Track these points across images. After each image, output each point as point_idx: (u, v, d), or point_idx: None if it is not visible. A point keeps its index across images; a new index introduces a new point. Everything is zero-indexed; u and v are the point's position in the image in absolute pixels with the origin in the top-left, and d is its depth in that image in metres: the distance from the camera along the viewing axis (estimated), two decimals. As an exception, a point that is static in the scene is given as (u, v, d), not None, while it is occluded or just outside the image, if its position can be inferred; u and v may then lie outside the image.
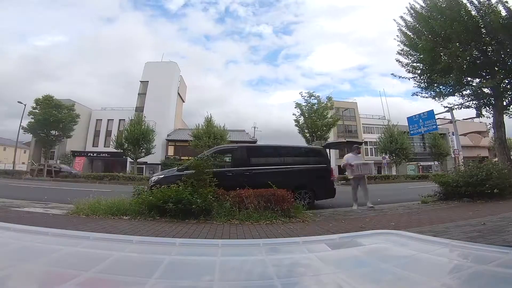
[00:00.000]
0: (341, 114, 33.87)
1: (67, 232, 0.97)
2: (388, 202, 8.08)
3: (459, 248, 0.88)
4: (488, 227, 4.36)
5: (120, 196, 6.38)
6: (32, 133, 30.15)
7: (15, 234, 0.90)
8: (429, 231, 4.21)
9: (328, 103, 26.27)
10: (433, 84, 11.57)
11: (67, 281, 0.56)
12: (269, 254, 0.86)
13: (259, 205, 5.65)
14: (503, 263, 0.69)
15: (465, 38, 9.76)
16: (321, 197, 7.78)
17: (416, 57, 11.72)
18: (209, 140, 25.62)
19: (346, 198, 7.79)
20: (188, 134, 29.82)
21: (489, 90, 10.88)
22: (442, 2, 10.36)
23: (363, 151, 40.09)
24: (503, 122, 10.80)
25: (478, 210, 6.04)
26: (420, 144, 41.28)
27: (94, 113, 39.10)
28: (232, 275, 0.73)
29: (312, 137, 25.38)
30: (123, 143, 26.27)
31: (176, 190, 5.49)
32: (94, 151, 36.75)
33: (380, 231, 1.09)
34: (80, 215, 5.60)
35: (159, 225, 4.96)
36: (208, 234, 4.37)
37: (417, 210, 6.72)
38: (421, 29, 11.06)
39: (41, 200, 7.83)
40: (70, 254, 0.78)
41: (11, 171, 26.55)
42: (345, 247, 0.93)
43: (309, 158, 8.11)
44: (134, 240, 0.90)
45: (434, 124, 13.44)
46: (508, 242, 3.41)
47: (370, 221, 5.47)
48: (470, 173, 7.86)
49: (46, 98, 28.57)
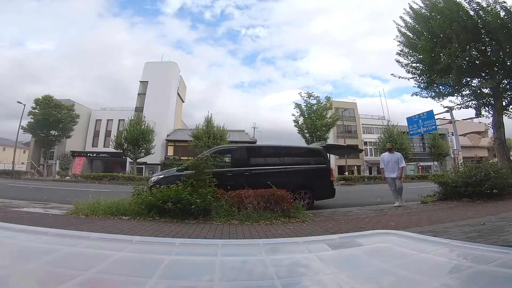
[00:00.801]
0: (340, 114, 33.85)
1: (67, 232, 0.97)
2: (387, 202, 8.08)
3: (459, 248, 0.88)
4: (487, 227, 4.37)
5: (119, 196, 6.39)
6: (31, 133, 30.15)
7: (15, 234, 0.89)
8: (428, 231, 4.21)
9: (327, 103, 26.26)
10: (433, 84, 11.60)
11: (67, 281, 0.56)
12: (269, 254, 0.86)
13: (258, 205, 5.64)
14: (504, 263, 0.69)
15: (464, 38, 9.78)
16: (321, 197, 7.78)
17: (415, 57, 11.74)
18: (208, 140, 25.60)
19: (345, 198, 7.81)
20: (187, 134, 29.80)
21: (489, 90, 10.91)
22: (441, 3, 10.38)
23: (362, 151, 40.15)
24: (502, 122, 10.82)
25: (478, 210, 6.05)
26: (419, 144, 41.31)
27: (93, 113, 39.03)
28: (232, 275, 0.73)
29: (311, 138, 25.37)
30: (122, 143, 26.24)
31: (176, 190, 5.49)
32: (94, 151, 36.66)
33: (380, 231, 1.09)
34: (79, 215, 5.59)
35: (159, 225, 4.96)
36: (207, 234, 4.37)
37: (416, 210, 6.73)
38: (420, 29, 11.08)
39: (41, 200, 7.83)
40: (70, 254, 0.78)
41: (10, 171, 26.54)
42: (345, 247, 0.93)
43: (309, 158, 8.11)
44: (134, 240, 0.89)
45: (433, 124, 13.48)
46: (507, 242, 3.41)
47: (370, 221, 5.48)
48: (469, 173, 7.87)
49: (46, 98, 28.60)
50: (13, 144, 32.76)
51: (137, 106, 36.91)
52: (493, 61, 10.32)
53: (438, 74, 10.63)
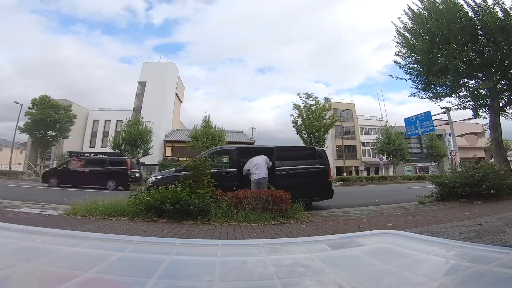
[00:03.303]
0: (338, 115, 33.91)
1: (67, 232, 0.97)
2: (385, 203, 8.11)
3: (459, 248, 0.88)
4: (485, 227, 4.39)
5: (117, 197, 6.36)
6: (28, 134, 29.99)
7: (15, 234, 0.89)
8: (426, 231, 4.22)
9: (326, 104, 26.26)
10: (431, 85, 11.65)
11: (67, 281, 0.56)
12: (270, 254, 0.86)
13: (257, 206, 5.64)
14: (503, 263, 0.69)
15: (462, 39, 9.84)
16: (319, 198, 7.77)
17: (413, 58, 11.79)
18: (207, 141, 25.56)
19: (343, 199, 7.82)
20: (186, 135, 29.75)
21: (486, 91, 10.97)
22: (440, 4, 10.43)
23: (360, 152, 40.31)
24: (499, 123, 10.88)
25: (475, 210, 6.08)
26: (417, 145, 41.53)
27: (91, 113, 38.94)
28: (232, 275, 0.73)
29: (310, 139, 25.37)
30: (120, 143, 26.17)
31: (174, 191, 5.47)
32: (91, 152, 36.50)
33: (380, 232, 1.09)
34: (76, 216, 5.57)
35: (157, 226, 4.95)
36: (206, 235, 4.37)
37: (414, 210, 6.75)
38: (418, 30, 11.13)
39: (38, 201, 7.79)
40: (70, 254, 0.78)
41: (7, 172, 26.41)
42: (345, 247, 0.93)
43: (308, 159, 8.10)
44: (134, 240, 0.89)
45: (431, 125, 13.52)
46: (505, 242, 3.43)
47: (368, 221, 5.48)
48: (466, 174, 7.91)
49: (43, 99, 28.46)
50: (9, 144, 32.61)
51: (135, 107, 36.88)
52: (491, 62, 10.37)
53: (436, 75, 10.69)
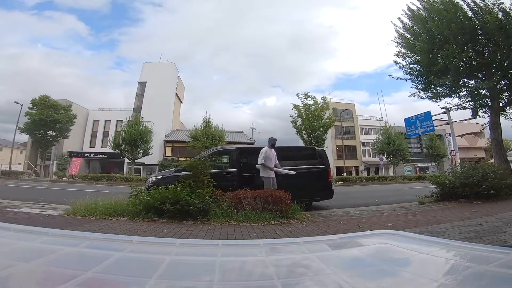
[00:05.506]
0: (338, 115, 33.88)
1: (67, 232, 0.97)
2: (385, 203, 8.10)
3: (459, 249, 0.88)
4: (484, 227, 4.39)
5: (117, 197, 6.35)
6: (28, 134, 29.99)
7: (15, 234, 0.89)
8: (426, 231, 4.22)
9: (324, 103, 26.24)
10: (430, 85, 11.64)
11: (67, 281, 0.56)
12: (270, 254, 0.86)
13: (257, 206, 5.64)
14: (503, 264, 0.69)
15: (461, 39, 9.83)
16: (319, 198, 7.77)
17: (413, 58, 11.80)
18: (207, 141, 25.55)
19: (343, 199, 7.81)
20: (186, 135, 29.74)
21: (486, 91, 10.97)
22: (439, 4, 10.43)
23: (360, 152, 40.31)
24: (499, 123, 10.88)
25: (475, 210, 6.08)
26: (417, 145, 41.49)
27: (91, 113, 38.92)
28: (232, 275, 0.73)
29: (309, 139, 25.37)
30: (120, 143, 26.16)
31: (174, 191, 5.46)
32: (91, 152, 36.55)
33: (380, 232, 1.09)
34: (76, 216, 5.56)
35: (157, 226, 4.94)
36: (206, 235, 4.37)
37: (414, 211, 6.74)
38: (418, 30, 11.13)
39: (38, 201, 7.78)
40: (70, 254, 0.78)
41: (7, 172, 26.43)
42: (345, 247, 0.93)
43: (308, 159, 8.09)
44: (134, 240, 0.89)
45: (431, 125, 13.53)
46: (504, 242, 3.42)
47: (368, 222, 5.48)
48: (466, 174, 7.90)
49: (43, 99, 28.46)
50: (9, 144, 32.61)
51: (135, 107, 36.87)
52: (490, 62, 10.37)
53: (436, 75, 10.68)
